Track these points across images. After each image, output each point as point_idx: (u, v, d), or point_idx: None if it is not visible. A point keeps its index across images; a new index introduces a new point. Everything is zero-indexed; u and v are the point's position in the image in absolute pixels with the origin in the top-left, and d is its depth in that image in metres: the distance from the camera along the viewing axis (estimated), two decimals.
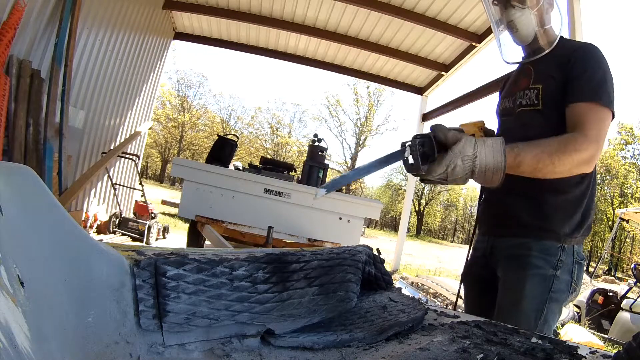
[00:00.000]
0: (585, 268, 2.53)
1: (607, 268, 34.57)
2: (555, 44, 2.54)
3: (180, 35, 14.86)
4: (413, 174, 2.08)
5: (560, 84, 2.41)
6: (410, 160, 2.01)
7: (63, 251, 1.03)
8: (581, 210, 2.49)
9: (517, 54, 2.77)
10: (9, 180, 0.96)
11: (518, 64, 2.80)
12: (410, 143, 2.02)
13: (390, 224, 58.65)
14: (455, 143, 1.99)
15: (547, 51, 2.54)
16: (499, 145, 2.03)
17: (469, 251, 2.87)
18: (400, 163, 2.07)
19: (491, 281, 2.65)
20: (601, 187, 44.62)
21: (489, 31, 10.24)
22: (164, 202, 26.66)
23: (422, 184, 53.69)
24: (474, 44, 11.21)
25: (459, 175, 1.99)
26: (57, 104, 7.77)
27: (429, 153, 2.00)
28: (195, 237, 8.23)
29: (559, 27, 2.63)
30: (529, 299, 2.38)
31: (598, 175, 2.66)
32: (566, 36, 2.67)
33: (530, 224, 2.48)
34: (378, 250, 2.01)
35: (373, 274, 1.86)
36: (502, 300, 2.50)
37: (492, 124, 2.73)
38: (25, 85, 6.87)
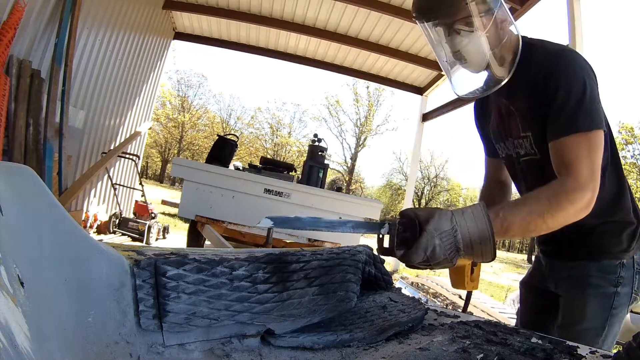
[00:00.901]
0: None
1: None
2: (514, 68, 2.21)
3: (180, 35, 14.89)
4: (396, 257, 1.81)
5: (545, 121, 2.15)
6: (386, 242, 1.80)
7: (63, 251, 1.03)
8: (630, 223, 2.33)
9: (473, 82, 2.37)
10: (9, 180, 0.96)
11: (478, 95, 2.43)
12: (390, 221, 1.80)
13: None
14: (429, 220, 1.73)
15: (505, 80, 2.22)
16: (480, 211, 1.80)
17: None
18: (398, 166, 1.95)
19: (547, 292, 2.58)
20: None
21: None
22: (164, 202, 26.69)
23: (423, 184, 53.57)
24: None
25: (440, 257, 1.72)
26: (57, 104, 7.79)
27: (409, 238, 1.76)
28: (195, 237, 8.24)
29: (516, 40, 2.23)
30: (590, 318, 2.28)
31: None
32: (566, 39, 2.46)
33: (583, 250, 2.36)
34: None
35: (373, 274, 1.86)
36: (563, 320, 2.42)
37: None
38: (25, 85, 6.89)
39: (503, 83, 2.23)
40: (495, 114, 2.51)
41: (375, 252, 1.90)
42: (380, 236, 1.78)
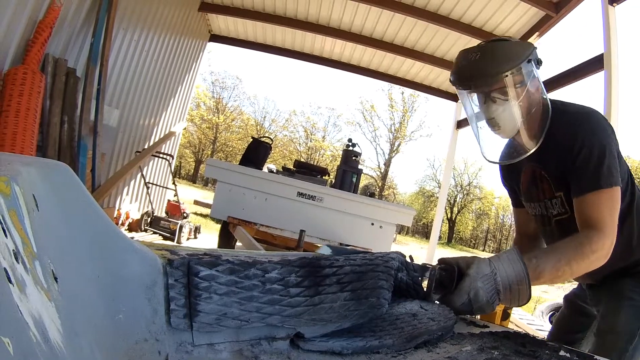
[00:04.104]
0: None
1: None
2: (542, 137, 2.35)
3: (216, 38, 14.96)
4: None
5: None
6: (424, 285, 1.90)
7: (97, 248, 1.04)
8: None
9: (503, 149, 2.60)
10: (46, 176, 0.97)
11: (507, 162, 2.58)
12: (430, 267, 1.93)
13: (422, 231, 58.08)
14: (470, 266, 1.89)
15: (533, 150, 2.37)
16: (514, 255, 1.96)
17: None
18: (432, 172, 1.98)
19: (585, 312, 2.75)
20: None
21: (525, 37, 10.05)
22: (196, 202, 26.84)
23: (455, 192, 53.29)
24: None
25: (483, 300, 1.85)
26: (92, 102, 7.90)
27: (446, 284, 1.90)
28: (226, 238, 8.28)
29: (546, 107, 2.38)
30: (622, 324, 2.37)
31: None
32: (600, 47, 2.48)
33: (619, 273, 2.47)
34: (411, 257, 1.99)
35: (405, 281, 1.85)
36: (599, 326, 2.52)
37: None
38: (61, 83, 7.02)
39: (531, 152, 2.37)
40: (526, 175, 2.63)
41: (408, 259, 1.93)
42: (420, 279, 1.89)
